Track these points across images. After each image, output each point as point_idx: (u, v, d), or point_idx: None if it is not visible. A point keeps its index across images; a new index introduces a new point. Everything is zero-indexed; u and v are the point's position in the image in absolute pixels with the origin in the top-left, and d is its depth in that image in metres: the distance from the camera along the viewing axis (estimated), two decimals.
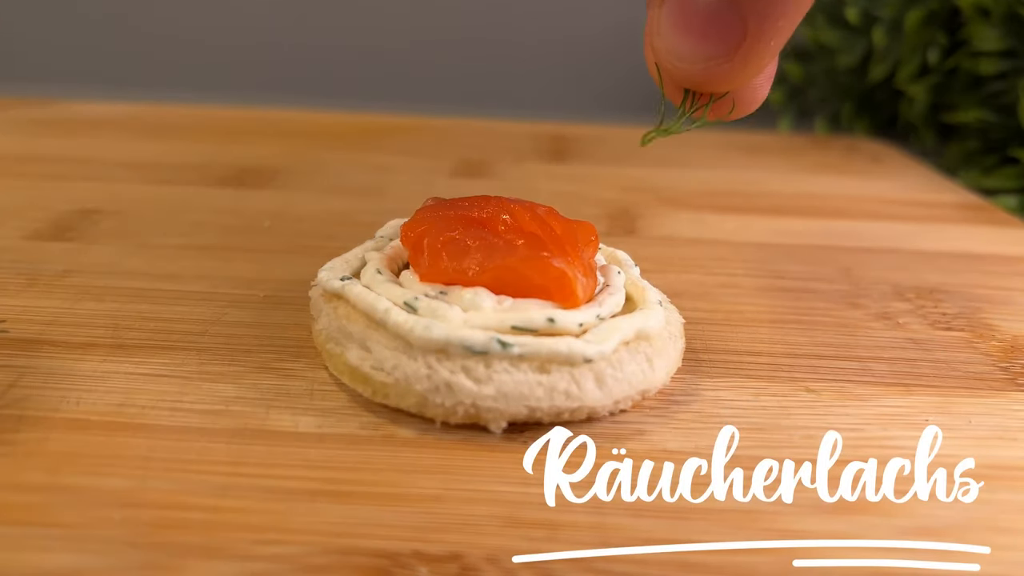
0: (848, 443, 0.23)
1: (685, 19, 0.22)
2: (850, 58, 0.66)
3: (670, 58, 0.23)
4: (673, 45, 0.22)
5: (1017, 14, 0.54)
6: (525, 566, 0.19)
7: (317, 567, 0.18)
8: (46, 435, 0.22)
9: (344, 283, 0.26)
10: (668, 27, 0.22)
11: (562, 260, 0.24)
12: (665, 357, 0.25)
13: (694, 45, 0.22)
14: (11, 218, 0.39)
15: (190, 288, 0.32)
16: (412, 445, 0.23)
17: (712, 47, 0.22)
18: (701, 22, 0.21)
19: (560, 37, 0.81)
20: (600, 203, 0.46)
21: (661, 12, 0.22)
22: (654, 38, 0.23)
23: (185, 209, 0.41)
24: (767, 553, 0.19)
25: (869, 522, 0.20)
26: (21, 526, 0.19)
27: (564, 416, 0.23)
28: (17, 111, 0.61)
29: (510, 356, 0.23)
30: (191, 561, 0.18)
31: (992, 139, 0.58)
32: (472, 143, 0.59)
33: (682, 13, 0.22)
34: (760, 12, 0.21)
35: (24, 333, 0.27)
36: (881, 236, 0.42)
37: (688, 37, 0.22)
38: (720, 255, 0.39)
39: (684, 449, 0.23)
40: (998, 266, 0.39)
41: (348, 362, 0.24)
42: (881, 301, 0.34)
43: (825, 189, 0.51)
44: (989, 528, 0.20)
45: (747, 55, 0.22)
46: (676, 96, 0.25)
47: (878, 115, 0.70)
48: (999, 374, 0.28)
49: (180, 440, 0.22)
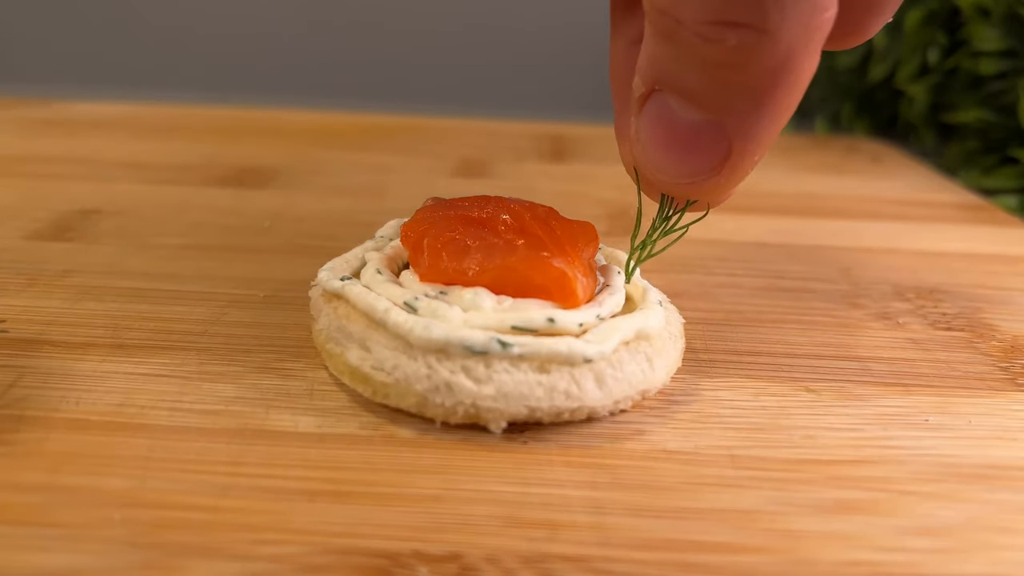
0: (848, 443, 0.24)
1: (667, 135, 0.21)
2: (850, 58, 0.66)
3: (651, 170, 0.22)
4: (655, 160, 0.21)
5: (1017, 14, 0.54)
6: (526, 566, 0.19)
7: (317, 567, 0.18)
8: (46, 435, 0.22)
9: (344, 283, 0.26)
10: (648, 141, 0.21)
11: (562, 260, 0.24)
12: (665, 357, 0.25)
13: (677, 162, 0.21)
14: (11, 218, 0.39)
15: (190, 288, 0.32)
16: (412, 445, 0.23)
17: (696, 165, 0.21)
18: (684, 140, 0.21)
19: (560, 37, 0.81)
20: (600, 203, 0.46)
21: (639, 123, 0.21)
22: (634, 147, 0.22)
23: (185, 209, 0.41)
24: (767, 553, 0.19)
25: (869, 522, 0.20)
26: (21, 526, 0.19)
27: (564, 416, 0.23)
28: (17, 111, 0.61)
29: (510, 356, 0.23)
30: (191, 561, 0.18)
31: (992, 139, 0.58)
32: (472, 143, 0.59)
33: (663, 129, 0.21)
34: (745, 131, 0.20)
35: (24, 333, 0.27)
36: (881, 236, 0.42)
37: (670, 154, 0.21)
38: (720, 255, 0.39)
39: (684, 449, 0.23)
40: (998, 266, 0.39)
41: (348, 362, 0.24)
42: (881, 301, 0.34)
43: (825, 189, 0.51)
44: (989, 528, 0.20)
45: (732, 172, 0.21)
46: (655, 196, 0.24)
47: (878, 115, 0.70)
48: (999, 374, 0.28)
49: (180, 440, 0.22)
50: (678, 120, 0.21)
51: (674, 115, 0.21)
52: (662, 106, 0.21)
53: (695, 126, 0.20)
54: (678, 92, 0.20)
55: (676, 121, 0.21)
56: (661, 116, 0.21)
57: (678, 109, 0.21)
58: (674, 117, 0.21)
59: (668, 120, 0.21)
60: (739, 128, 0.20)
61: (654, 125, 0.21)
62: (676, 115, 0.21)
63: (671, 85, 0.20)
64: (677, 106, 0.21)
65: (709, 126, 0.20)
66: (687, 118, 0.20)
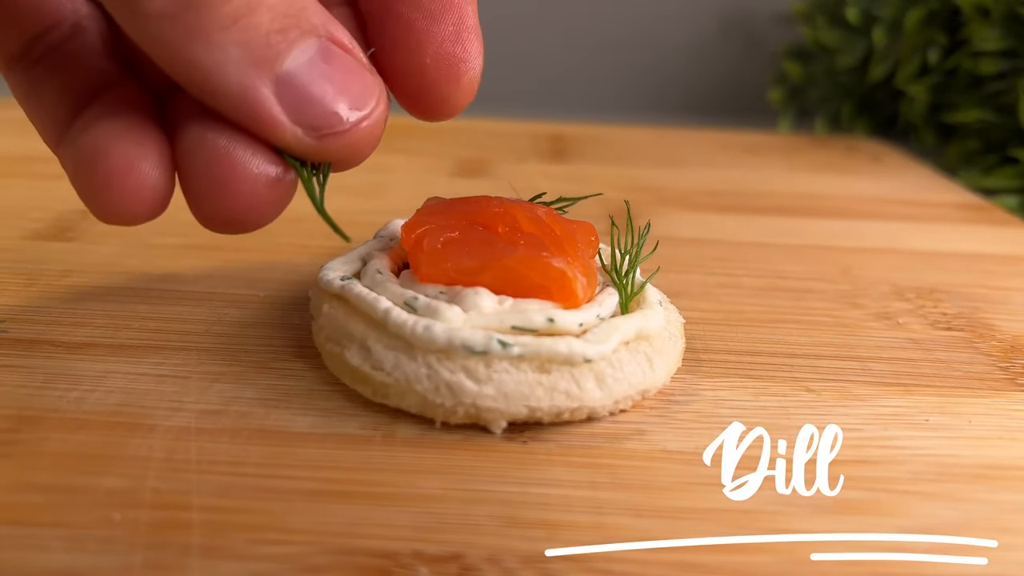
0: (848, 443, 0.23)
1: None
2: (850, 58, 0.66)
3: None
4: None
5: (1017, 14, 0.54)
6: (526, 566, 0.19)
7: (317, 567, 0.18)
8: (46, 435, 0.22)
9: (344, 283, 0.26)
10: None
11: (562, 260, 0.24)
12: (665, 357, 0.25)
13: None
14: (11, 218, 0.39)
15: (190, 288, 0.32)
16: (412, 445, 0.23)
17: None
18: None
19: (560, 37, 0.81)
20: (600, 203, 0.46)
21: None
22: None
23: (185, 209, 0.41)
24: (767, 553, 0.19)
25: (869, 522, 0.20)
26: (21, 526, 0.19)
27: (564, 416, 0.23)
28: (17, 111, 0.60)
29: (510, 356, 0.23)
30: (191, 561, 0.18)
31: (992, 139, 0.58)
32: (472, 143, 0.59)
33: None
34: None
35: (24, 333, 0.27)
36: (881, 236, 0.42)
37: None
38: (720, 255, 0.39)
39: (684, 449, 0.23)
40: (998, 266, 0.39)
41: (348, 362, 0.24)
42: (881, 301, 0.34)
43: (825, 189, 0.51)
44: (989, 528, 0.20)
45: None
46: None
47: (878, 115, 0.70)
48: (999, 374, 0.28)
49: (180, 440, 0.22)
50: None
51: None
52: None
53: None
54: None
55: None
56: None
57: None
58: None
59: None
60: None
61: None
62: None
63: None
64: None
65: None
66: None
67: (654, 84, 0.83)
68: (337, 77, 0.21)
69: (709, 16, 0.80)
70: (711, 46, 0.81)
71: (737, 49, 0.81)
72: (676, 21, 0.81)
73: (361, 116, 0.21)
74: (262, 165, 0.21)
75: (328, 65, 0.21)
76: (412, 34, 0.24)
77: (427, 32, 0.24)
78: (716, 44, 0.81)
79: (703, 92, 0.83)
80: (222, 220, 0.22)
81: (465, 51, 0.24)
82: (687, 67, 0.82)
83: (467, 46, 0.24)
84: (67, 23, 0.24)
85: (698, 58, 0.82)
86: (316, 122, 0.21)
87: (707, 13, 0.80)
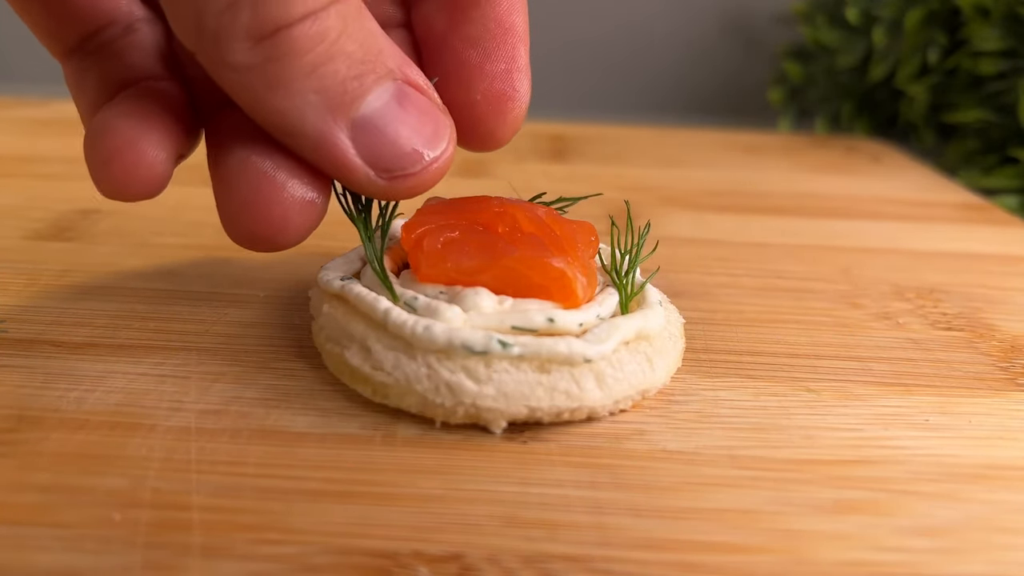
0: (848, 443, 0.24)
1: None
2: (850, 58, 0.66)
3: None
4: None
5: (1017, 14, 0.54)
6: (526, 566, 0.19)
7: (317, 567, 0.18)
8: (46, 435, 0.22)
9: (344, 283, 0.26)
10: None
11: (562, 260, 0.24)
12: (665, 357, 0.25)
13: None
14: (11, 218, 0.39)
15: (190, 288, 0.32)
16: (412, 445, 0.23)
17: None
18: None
19: (560, 37, 0.81)
20: (600, 203, 0.46)
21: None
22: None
23: (185, 209, 0.41)
24: (767, 553, 0.19)
25: (869, 522, 0.20)
26: (21, 526, 0.19)
27: (564, 416, 0.23)
28: (17, 111, 0.61)
29: (510, 356, 0.23)
30: (191, 561, 0.18)
31: (992, 139, 0.58)
32: None
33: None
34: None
35: (24, 333, 0.27)
36: (881, 236, 0.42)
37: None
38: (720, 255, 0.39)
39: (684, 449, 0.23)
40: (998, 266, 0.39)
41: (348, 362, 0.24)
42: (881, 301, 0.34)
43: (825, 189, 0.51)
44: (989, 528, 0.20)
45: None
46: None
47: (878, 115, 0.70)
48: (999, 374, 0.28)
49: (180, 440, 0.22)
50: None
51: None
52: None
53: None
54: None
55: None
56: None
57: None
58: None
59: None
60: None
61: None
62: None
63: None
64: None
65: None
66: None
67: (654, 84, 0.83)
68: (411, 120, 0.22)
69: (709, 16, 0.80)
70: (711, 46, 0.81)
71: (737, 49, 0.81)
72: (676, 21, 0.81)
73: (433, 158, 0.22)
74: (299, 188, 0.22)
75: (403, 108, 0.22)
76: (465, 69, 0.25)
77: (480, 69, 0.25)
78: (716, 44, 0.81)
79: (703, 92, 0.83)
80: (254, 238, 0.23)
81: (515, 89, 0.25)
82: (687, 67, 0.82)
83: (517, 84, 0.25)
84: (121, 23, 0.25)
85: (698, 58, 0.82)
86: (389, 164, 0.22)
87: (707, 13, 0.80)
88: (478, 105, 0.25)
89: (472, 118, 0.26)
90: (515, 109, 0.26)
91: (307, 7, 0.20)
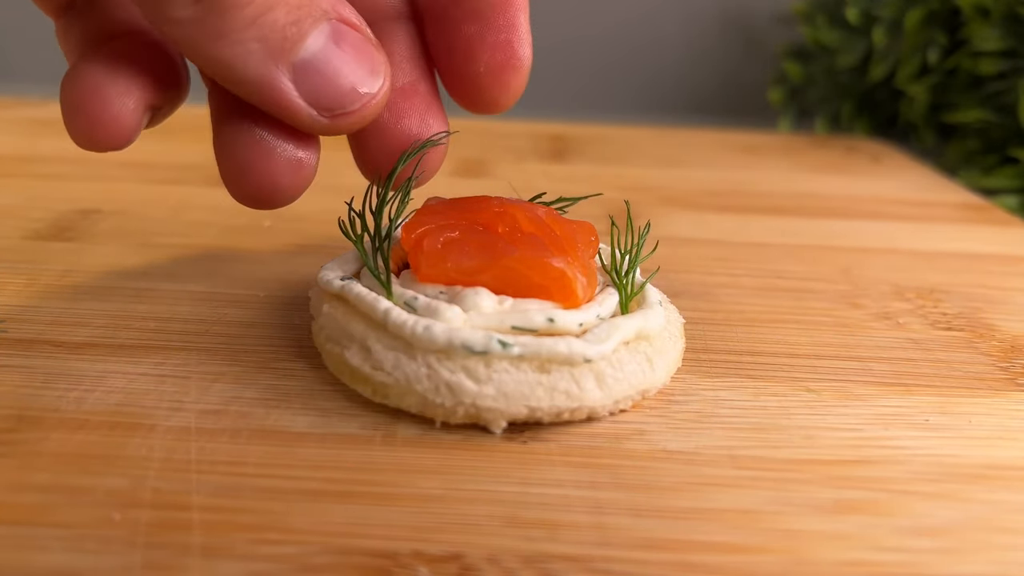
0: (848, 443, 0.24)
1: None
2: (850, 58, 0.66)
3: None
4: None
5: (1017, 14, 0.54)
6: (526, 566, 0.19)
7: (317, 567, 0.18)
8: (46, 435, 0.22)
9: (344, 283, 0.26)
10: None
11: (562, 260, 0.24)
12: (665, 357, 0.25)
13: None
14: (11, 218, 0.39)
15: (190, 288, 0.32)
16: (412, 445, 0.23)
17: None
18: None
19: (560, 37, 0.81)
20: (600, 203, 0.46)
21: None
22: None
23: (185, 209, 0.41)
24: (767, 553, 0.19)
25: (869, 522, 0.20)
26: (21, 526, 0.19)
27: (564, 416, 0.23)
28: (17, 111, 0.61)
29: (510, 356, 0.23)
30: (191, 561, 0.18)
31: (992, 139, 0.58)
32: (472, 143, 0.59)
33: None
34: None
35: (24, 333, 0.27)
36: (881, 236, 0.42)
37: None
38: (720, 255, 0.39)
39: (684, 449, 0.23)
40: (998, 266, 0.39)
41: (348, 362, 0.24)
42: (881, 301, 0.34)
43: (825, 189, 0.51)
44: (989, 528, 0.20)
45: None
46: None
47: (878, 115, 0.70)
48: (999, 374, 0.28)
49: (180, 440, 0.22)
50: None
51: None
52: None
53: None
54: None
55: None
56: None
57: None
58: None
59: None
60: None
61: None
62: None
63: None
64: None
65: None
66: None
67: (654, 84, 0.83)
68: (348, 59, 0.23)
69: (709, 16, 0.80)
70: (711, 46, 0.81)
71: (737, 49, 0.81)
72: (676, 21, 0.81)
73: (369, 96, 0.23)
74: (288, 150, 0.24)
75: (339, 47, 0.23)
76: (467, 41, 0.26)
77: (481, 40, 0.26)
78: (716, 44, 0.81)
79: (703, 92, 0.83)
80: (253, 197, 0.25)
81: (517, 58, 0.26)
82: (687, 67, 0.82)
83: (519, 53, 0.26)
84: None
85: (698, 58, 0.82)
86: (330, 103, 0.23)
87: (707, 13, 0.80)
88: (481, 76, 0.26)
89: (476, 87, 0.27)
90: (517, 78, 0.27)
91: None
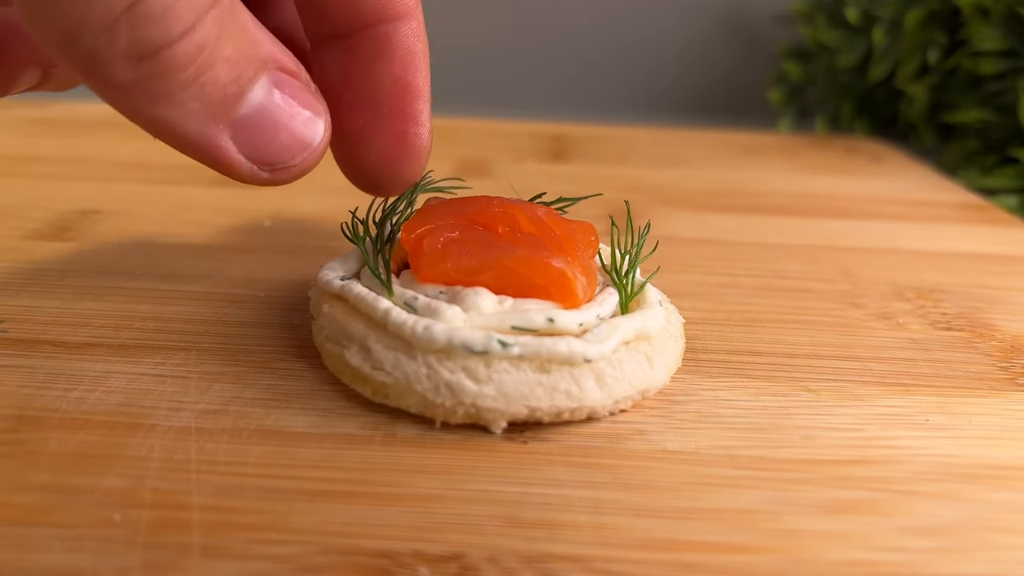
0: (848, 443, 0.24)
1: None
2: (850, 58, 0.66)
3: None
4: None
5: (1017, 14, 0.54)
6: (526, 566, 0.19)
7: (317, 567, 0.18)
8: (46, 435, 0.22)
9: (344, 283, 0.26)
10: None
11: (562, 260, 0.24)
12: (665, 357, 0.25)
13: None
14: (11, 218, 0.39)
15: (190, 288, 0.32)
16: (412, 445, 0.23)
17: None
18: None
19: (560, 37, 0.81)
20: (600, 203, 0.46)
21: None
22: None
23: (185, 209, 0.41)
24: (767, 553, 0.19)
25: (869, 522, 0.20)
26: (21, 526, 0.19)
27: (564, 416, 0.23)
28: (17, 111, 0.61)
29: (510, 356, 0.23)
30: (191, 561, 0.18)
31: (992, 139, 0.58)
32: (472, 143, 0.59)
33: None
34: None
35: (24, 333, 0.27)
36: (881, 236, 0.42)
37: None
38: (720, 255, 0.39)
39: (684, 449, 0.23)
40: (998, 266, 0.39)
41: (348, 362, 0.24)
42: (881, 301, 0.34)
43: (825, 189, 0.51)
44: (989, 528, 0.20)
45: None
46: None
47: (878, 115, 0.70)
48: (999, 374, 0.28)
49: (180, 440, 0.22)
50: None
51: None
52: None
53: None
54: None
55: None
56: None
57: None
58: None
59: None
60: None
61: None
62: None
63: None
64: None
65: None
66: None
67: (654, 84, 0.83)
68: (288, 110, 0.22)
69: (709, 16, 0.80)
70: (711, 46, 0.81)
71: (737, 49, 0.81)
72: (676, 21, 0.81)
73: (311, 148, 0.23)
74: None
75: (279, 97, 0.22)
76: (359, 129, 0.26)
77: (372, 129, 0.26)
78: (716, 44, 0.81)
79: (703, 92, 0.83)
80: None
81: (408, 148, 0.26)
82: (687, 67, 0.82)
83: (412, 143, 0.26)
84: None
85: (698, 58, 0.82)
86: (270, 158, 0.23)
87: (707, 13, 0.80)
88: (371, 164, 0.26)
89: (366, 172, 0.27)
90: (409, 168, 0.27)
91: (184, 23, 0.20)
